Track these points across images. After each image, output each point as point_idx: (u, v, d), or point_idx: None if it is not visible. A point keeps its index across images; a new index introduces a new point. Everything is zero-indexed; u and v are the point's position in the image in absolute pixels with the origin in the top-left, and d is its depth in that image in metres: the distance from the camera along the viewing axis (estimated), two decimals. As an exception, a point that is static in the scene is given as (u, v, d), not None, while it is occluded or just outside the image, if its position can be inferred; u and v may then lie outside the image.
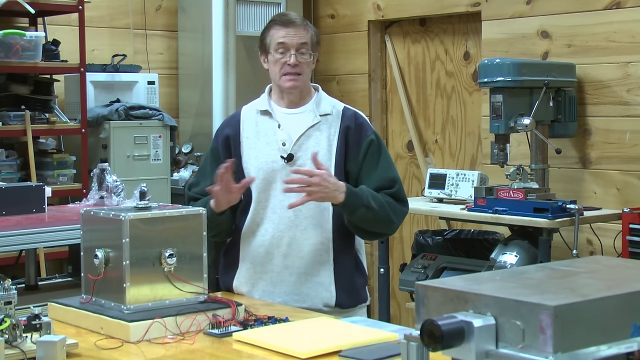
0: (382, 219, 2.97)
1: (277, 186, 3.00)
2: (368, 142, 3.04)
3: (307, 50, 3.05)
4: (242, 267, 3.07)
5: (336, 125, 3.05)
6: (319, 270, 2.99)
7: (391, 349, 2.25)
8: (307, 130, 3.03)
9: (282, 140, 3.03)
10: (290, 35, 3.02)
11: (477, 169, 5.27)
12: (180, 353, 2.32)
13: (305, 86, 3.09)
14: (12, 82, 4.99)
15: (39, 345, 2.18)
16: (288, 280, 3.00)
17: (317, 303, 2.98)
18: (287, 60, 3.01)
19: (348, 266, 3.03)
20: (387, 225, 3.03)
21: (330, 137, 3.03)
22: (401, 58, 5.85)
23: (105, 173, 3.85)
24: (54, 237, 3.40)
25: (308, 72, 3.07)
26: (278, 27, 3.05)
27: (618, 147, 4.58)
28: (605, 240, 4.50)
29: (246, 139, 3.08)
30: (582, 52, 4.70)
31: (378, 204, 2.95)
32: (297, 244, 2.99)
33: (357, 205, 2.91)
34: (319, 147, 3.01)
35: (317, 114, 3.05)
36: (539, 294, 1.61)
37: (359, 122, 3.07)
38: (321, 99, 3.10)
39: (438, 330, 1.54)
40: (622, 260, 3.04)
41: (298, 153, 3.01)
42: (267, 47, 3.06)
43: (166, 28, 5.98)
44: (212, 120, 5.54)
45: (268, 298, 3.00)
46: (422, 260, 4.72)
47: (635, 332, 1.60)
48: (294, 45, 3.02)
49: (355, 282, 3.04)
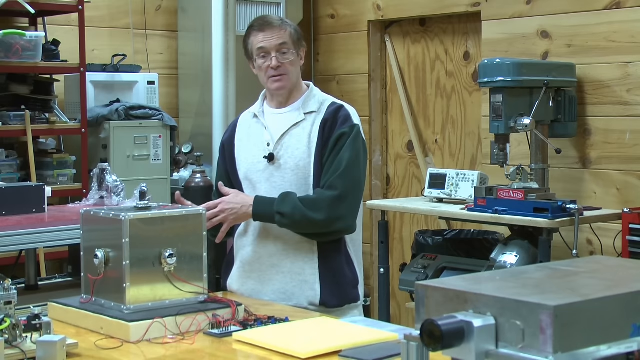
0: (298, 220, 2.92)
1: (262, 186, 3.04)
2: (339, 135, 2.99)
3: (289, 50, 3.03)
4: (236, 266, 3.13)
5: (318, 121, 3.04)
6: (304, 269, 3.00)
7: (391, 349, 2.25)
8: (289, 129, 3.04)
9: (267, 141, 3.07)
10: (267, 38, 3.03)
11: (477, 169, 5.27)
12: (180, 353, 2.32)
13: (294, 85, 3.08)
14: (12, 82, 4.99)
15: (39, 345, 2.18)
16: (275, 279, 3.02)
17: (303, 301, 2.99)
18: (270, 64, 3.02)
19: (335, 265, 3.02)
20: (314, 225, 2.93)
21: (312, 134, 3.02)
22: (401, 58, 5.85)
23: (105, 173, 3.84)
24: (54, 237, 3.40)
25: (294, 71, 3.05)
26: (256, 33, 3.06)
27: (618, 147, 4.58)
28: (605, 240, 4.50)
29: (239, 141, 3.15)
30: (582, 52, 4.70)
31: (290, 207, 2.91)
32: (282, 243, 3.01)
33: (269, 213, 2.94)
34: (300, 144, 3.01)
35: (302, 112, 3.05)
36: (539, 294, 1.61)
37: (338, 116, 3.02)
38: (310, 97, 3.09)
39: (438, 330, 1.54)
40: (622, 260, 3.04)
41: (280, 152, 3.02)
42: (251, 54, 3.09)
43: (166, 28, 5.98)
44: (212, 120, 5.53)
45: (257, 297, 3.02)
46: (422, 260, 4.72)
47: (635, 332, 1.60)
48: (273, 48, 3.02)
49: (343, 281, 3.03)
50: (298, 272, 3.00)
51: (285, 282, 3.01)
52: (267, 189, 3.02)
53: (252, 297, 3.02)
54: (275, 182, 3.01)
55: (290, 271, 3.01)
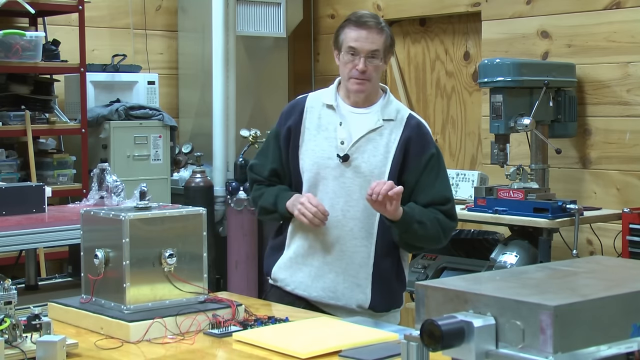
0: (431, 234, 2.98)
1: (328, 183, 3.00)
2: (429, 156, 3.01)
3: (378, 56, 3.00)
4: (286, 254, 3.07)
5: (397, 132, 3.01)
6: (358, 272, 2.99)
7: (391, 349, 2.25)
8: (367, 133, 3.00)
9: (341, 139, 3.01)
10: (362, 39, 2.97)
11: (477, 169, 5.27)
12: (180, 353, 2.32)
13: (373, 89, 3.05)
14: (12, 82, 4.99)
15: (39, 345, 2.18)
16: (326, 277, 3.00)
17: (351, 303, 2.98)
18: (356, 64, 2.98)
19: (388, 271, 3.02)
20: (435, 241, 3.04)
21: (390, 143, 2.99)
22: (401, 58, 5.85)
23: (105, 173, 3.85)
24: (54, 237, 3.40)
25: (376, 76, 3.02)
26: (352, 27, 3.00)
27: (618, 147, 4.58)
28: (605, 240, 4.50)
29: (307, 130, 3.06)
30: (582, 52, 4.70)
31: (430, 220, 2.95)
32: (340, 244, 2.99)
33: (411, 221, 2.91)
34: (377, 152, 2.98)
35: (381, 118, 3.02)
36: (539, 294, 1.61)
37: (422, 133, 3.03)
38: (388, 103, 3.07)
39: (438, 330, 1.54)
40: (622, 260, 3.05)
41: (355, 154, 2.99)
42: (340, 45, 3.03)
43: (166, 28, 5.98)
44: (212, 120, 5.54)
45: (303, 291, 3.01)
46: (422, 260, 4.72)
47: (635, 332, 1.60)
48: (364, 51, 2.97)
49: (393, 288, 3.05)
50: (352, 274, 2.98)
51: (337, 282, 2.99)
52: (334, 187, 2.98)
53: (297, 290, 3.01)
54: (345, 182, 2.98)
55: (344, 272, 2.99)
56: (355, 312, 2.95)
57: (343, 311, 2.94)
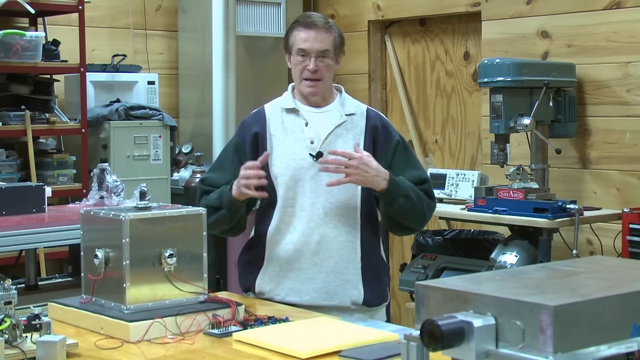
0: (417, 210, 3.01)
1: (305, 183, 3.00)
2: (395, 143, 3.07)
3: (329, 55, 3.03)
4: (268, 265, 3.03)
5: (361, 124, 3.07)
6: (348, 269, 2.99)
7: (391, 349, 2.25)
8: (334, 129, 3.04)
9: (310, 138, 3.03)
10: (311, 40, 3.01)
11: (477, 169, 5.27)
12: (180, 353, 2.32)
13: (327, 89, 3.09)
14: (12, 82, 4.99)
15: (39, 345, 2.18)
16: (317, 278, 2.98)
17: (346, 301, 2.98)
18: (307, 65, 3.01)
19: (374, 264, 3.05)
20: (420, 219, 3.07)
21: (357, 135, 3.05)
22: (401, 58, 5.85)
23: (105, 173, 3.85)
24: (54, 237, 3.40)
25: (328, 76, 3.06)
26: (300, 29, 3.03)
27: (618, 147, 4.58)
28: (605, 240, 4.50)
29: (274, 136, 3.06)
30: (582, 52, 4.70)
31: (416, 196, 2.99)
32: (326, 242, 2.99)
33: (397, 194, 2.94)
34: (347, 145, 3.01)
35: (343, 114, 3.06)
36: (539, 294, 1.61)
37: (384, 123, 3.12)
38: (345, 100, 3.12)
39: (438, 330, 1.54)
40: (622, 260, 3.04)
41: (327, 151, 3.00)
42: (290, 48, 3.07)
43: (166, 28, 5.98)
44: (212, 120, 5.54)
45: (295, 297, 2.98)
46: (422, 260, 4.72)
47: (635, 332, 1.60)
48: (314, 52, 3.01)
49: (381, 281, 3.07)
50: (342, 272, 2.99)
51: (328, 282, 2.98)
52: (311, 186, 2.99)
53: (288, 297, 2.98)
54: (322, 180, 2.97)
55: (334, 270, 2.98)
56: (349, 309, 2.95)
57: (336, 310, 2.93)
